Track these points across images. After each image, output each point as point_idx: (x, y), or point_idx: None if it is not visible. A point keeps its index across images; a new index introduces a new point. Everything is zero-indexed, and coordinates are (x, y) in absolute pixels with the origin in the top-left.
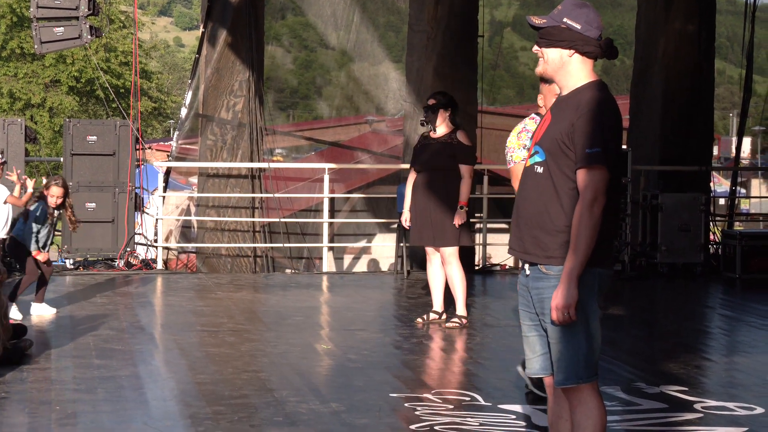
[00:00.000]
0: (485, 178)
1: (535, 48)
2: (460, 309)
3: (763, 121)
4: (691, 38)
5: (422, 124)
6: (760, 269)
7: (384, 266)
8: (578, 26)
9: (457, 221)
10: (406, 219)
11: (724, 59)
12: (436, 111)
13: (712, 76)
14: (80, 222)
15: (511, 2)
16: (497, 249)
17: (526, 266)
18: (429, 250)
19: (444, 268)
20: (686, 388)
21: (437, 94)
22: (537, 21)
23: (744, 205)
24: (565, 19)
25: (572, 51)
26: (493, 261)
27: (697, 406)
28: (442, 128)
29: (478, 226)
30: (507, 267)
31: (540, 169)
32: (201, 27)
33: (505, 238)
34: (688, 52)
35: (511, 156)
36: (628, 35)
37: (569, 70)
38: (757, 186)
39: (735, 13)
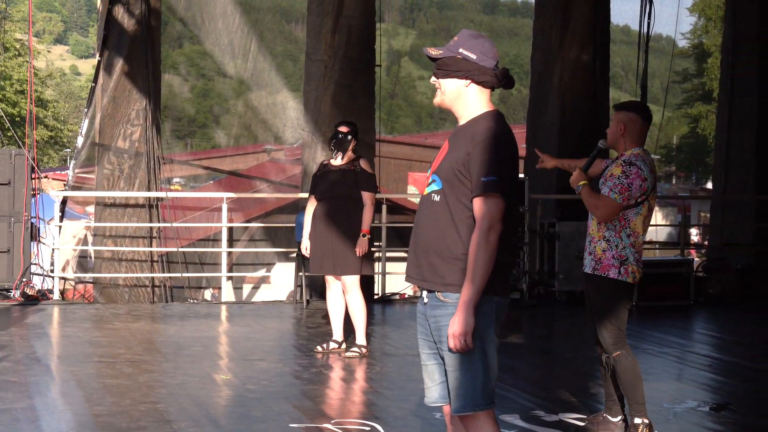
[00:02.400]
0: (384, 207)
1: (433, 79)
2: (360, 338)
3: (658, 149)
4: (586, 68)
5: (332, 149)
6: (656, 296)
7: (283, 295)
8: (474, 56)
9: (360, 250)
10: (306, 247)
11: (619, 88)
12: (350, 140)
13: (607, 105)
14: None
15: (409, 32)
16: (396, 278)
17: (424, 294)
18: (329, 278)
19: (345, 297)
20: (584, 416)
21: (347, 123)
22: (433, 52)
23: None
24: (460, 50)
25: (469, 81)
26: (393, 290)
27: None
28: (344, 157)
29: (377, 254)
30: (406, 296)
31: (437, 198)
32: (97, 55)
33: (404, 266)
34: (584, 81)
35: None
36: (525, 65)
37: (466, 100)
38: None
39: (629, 43)
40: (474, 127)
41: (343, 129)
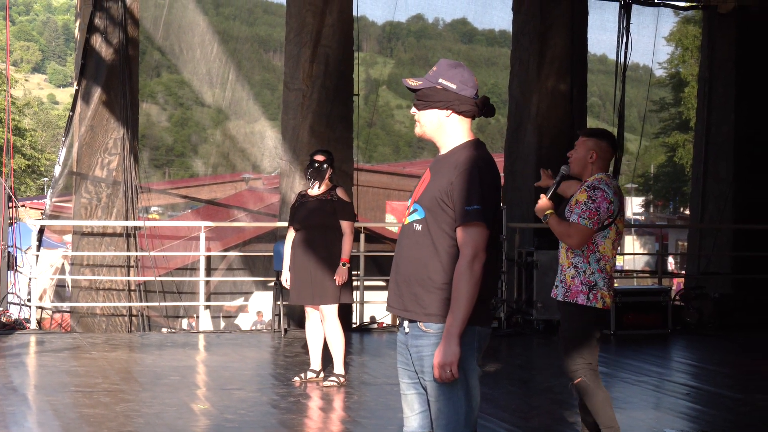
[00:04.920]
0: (362, 236)
1: (413, 110)
2: (339, 368)
3: (636, 178)
4: (564, 97)
5: (308, 179)
6: (634, 325)
7: (260, 324)
8: (454, 86)
9: (339, 278)
10: (286, 279)
11: (597, 117)
12: (326, 169)
13: None
14: None
15: (387, 61)
16: (375, 307)
17: (405, 324)
18: (308, 308)
19: (323, 326)
20: None
21: (323, 152)
22: (412, 83)
23: (618, 262)
24: (440, 80)
25: (449, 111)
26: (371, 318)
27: None
28: (322, 186)
29: (355, 284)
30: (384, 325)
31: (419, 227)
32: (75, 84)
33: (382, 295)
34: (561, 110)
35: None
36: (503, 93)
37: (447, 130)
38: (630, 243)
39: (606, 73)
40: (456, 157)
41: (319, 158)
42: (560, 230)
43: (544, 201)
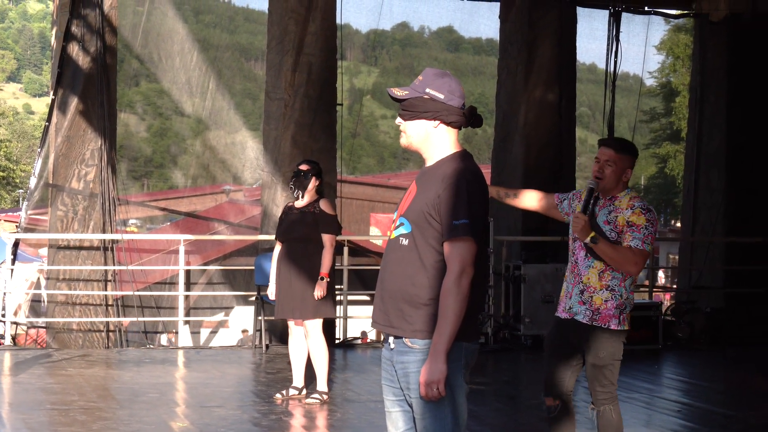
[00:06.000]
0: (345, 249)
1: (399, 120)
2: (321, 384)
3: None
4: (552, 107)
5: (291, 188)
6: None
7: (241, 339)
8: (441, 96)
9: (318, 293)
10: (271, 292)
11: (586, 128)
12: (309, 178)
13: (573, 144)
14: None
15: (371, 70)
16: (359, 322)
17: (391, 339)
18: (291, 323)
19: (307, 342)
20: None
21: (309, 161)
22: (399, 93)
23: None
24: (427, 90)
25: (437, 122)
26: (355, 334)
27: None
28: (306, 197)
29: (338, 298)
30: (368, 340)
31: (405, 241)
32: (51, 94)
33: (366, 309)
34: (549, 120)
35: None
36: (490, 103)
37: (434, 142)
38: None
39: (596, 82)
40: (443, 169)
41: (304, 167)
42: (619, 257)
43: (585, 222)
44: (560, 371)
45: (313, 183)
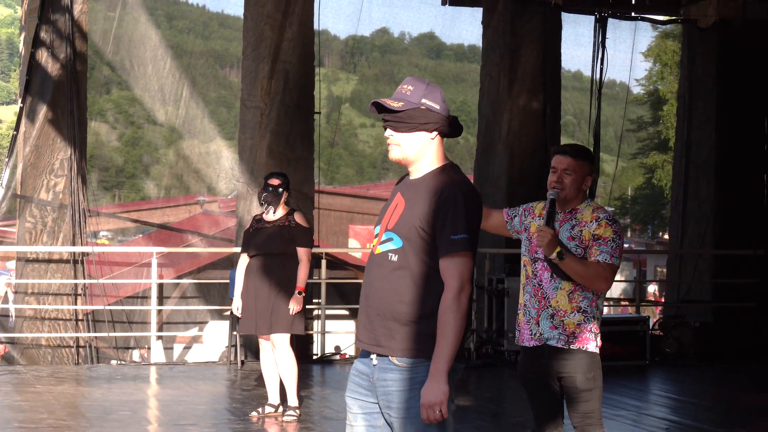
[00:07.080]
0: (323, 262)
1: (389, 132)
2: (292, 399)
3: (612, 201)
4: (536, 115)
5: (262, 204)
6: (610, 356)
7: (216, 356)
8: (437, 107)
9: (296, 307)
10: (237, 307)
11: (571, 137)
12: (281, 193)
13: None
14: None
15: (350, 77)
16: (337, 337)
17: (374, 356)
18: (261, 339)
19: (274, 355)
20: None
21: (278, 174)
22: (395, 105)
23: None
24: (423, 100)
25: (435, 133)
26: (336, 348)
27: None
28: (279, 211)
29: (316, 312)
30: (347, 356)
31: (395, 257)
32: (19, 101)
33: (345, 324)
34: (533, 129)
35: None
36: (472, 112)
37: (427, 153)
38: None
39: (581, 90)
40: (434, 181)
41: (274, 182)
42: (588, 273)
43: (551, 237)
44: (550, 404)
45: (284, 196)
